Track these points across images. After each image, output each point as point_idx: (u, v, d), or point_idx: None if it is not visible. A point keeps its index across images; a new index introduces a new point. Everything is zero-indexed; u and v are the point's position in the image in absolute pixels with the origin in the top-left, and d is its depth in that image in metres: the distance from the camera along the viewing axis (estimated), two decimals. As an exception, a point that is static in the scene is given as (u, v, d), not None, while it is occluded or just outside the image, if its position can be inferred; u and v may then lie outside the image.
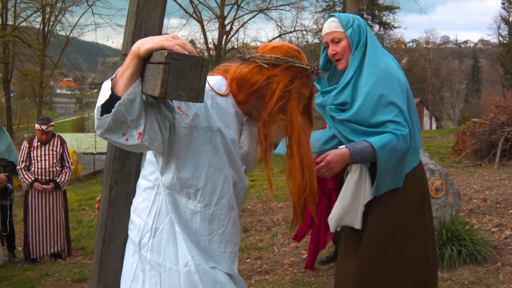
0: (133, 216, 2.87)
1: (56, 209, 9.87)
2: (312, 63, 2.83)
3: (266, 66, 2.73)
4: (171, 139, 2.57)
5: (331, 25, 4.36)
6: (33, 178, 9.70)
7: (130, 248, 2.88)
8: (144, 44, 2.32)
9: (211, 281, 2.74)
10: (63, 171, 9.99)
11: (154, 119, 2.44)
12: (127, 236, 2.91)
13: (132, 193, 2.97)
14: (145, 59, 2.35)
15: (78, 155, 35.92)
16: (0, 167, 9.69)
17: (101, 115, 2.34)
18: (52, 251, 9.90)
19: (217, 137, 2.67)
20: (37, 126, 9.89)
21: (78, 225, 12.89)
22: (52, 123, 10.07)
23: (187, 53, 2.28)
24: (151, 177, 2.80)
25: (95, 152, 46.50)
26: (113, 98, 2.33)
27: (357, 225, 4.29)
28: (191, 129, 2.58)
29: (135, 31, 3.09)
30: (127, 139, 2.41)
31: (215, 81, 2.78)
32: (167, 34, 2.44)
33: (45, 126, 9.86)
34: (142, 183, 2.88)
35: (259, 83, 2.73)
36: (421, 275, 4.20)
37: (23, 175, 9.72)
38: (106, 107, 2.34)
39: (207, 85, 2.59)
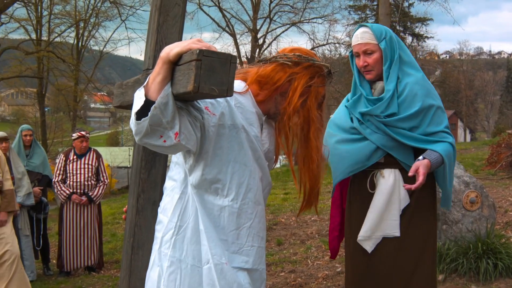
0: (160, 216, 2.98)
1: (90, 222, 9.91)
2: (327, 64, 3.03)
3: (289, 63, 2.94)
4: (201, 139, 2.68)
5: (364, 36, 4.40)
6: (70, 191, 9.74)
7: (153, 248, 2.98)
8: (173, 49, 2.47)
9: (227, 281, 2.81)
10: (98, 185, 10.02)
11: (187, 120, 2.56)
12: None
13: (158, 200, 3.09)
14: (174, 63, 2.48)
15: (112, 169, 36.09)
16: (35, 181, 9.77)
17: (138, 120, 2.46)
18: (85, 264, 9.93)
19: (242, 134, 2.81)
20: (75, 135, 9.97)
21: (112, 239, 12.93)
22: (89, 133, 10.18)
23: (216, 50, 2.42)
24: (177, 177, 2.91)
25: (129, 166, 46.64)
26: (147, 103, 2.45)
27: (397, 232, 4.38)
28: (218, 127, 2.71)
29: (157, 47, 3.23)
30: (164, 141, 2.51)
31: (236, 84, 2.83)
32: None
33: (85, 132, 10.00)
34: (168, 184, 2.99)
35: (283, 80, 2.93)
36: None
37: (60, 188, 9.77)
38: (141, 113, 2.45)
39: None
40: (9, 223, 7.47)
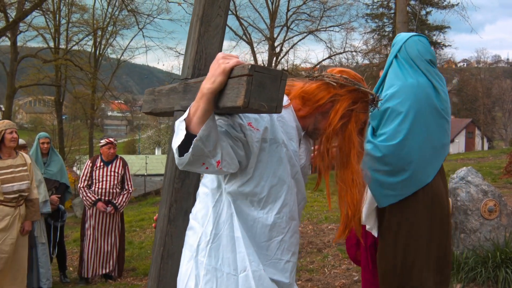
0: (192, 222, 3.00)
1: (112, 230, 9.95)
2: (373, 92, 3.01)
3: (334, 84, 2.91)
4: (246, 155, 2.71)
5: None
6: (96, 198, 9.78)
7: (185, 255, 2.98)
8: (214, 81, 2.48)
9: (265, 287, 2.82)
10: (122, 193, 10.05)
11: (228, 146, 2.59)
12: None
13: (190, 210, 3.09)
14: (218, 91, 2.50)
15: (129, 176, 36.22)
16: (52, 188, 9.79)
17: (181, 154, 2.51)
18: (103, 271, 9.95)
19: (282, 148, 2.81)
20: (103, 141, 10.07)
21: (129, 246, 12.93)
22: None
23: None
24: (212, 185, 2.92)
25: (145, 174, 46.89)
26: (188, 136, 2.49)
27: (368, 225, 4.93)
28: (261, 142, 2.71)
29: (197, 57, 3.22)
30: (207, 168, 2.57)
31: None
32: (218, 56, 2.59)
33: (113, 139, 10.09)
34: (202, 190, 3.00)
35: (325, 99, 2.91)
36: None
37: (86, 193, 9.81)
38: (183, 145, 2.50)
39: None
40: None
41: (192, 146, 2.44)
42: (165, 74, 51.88)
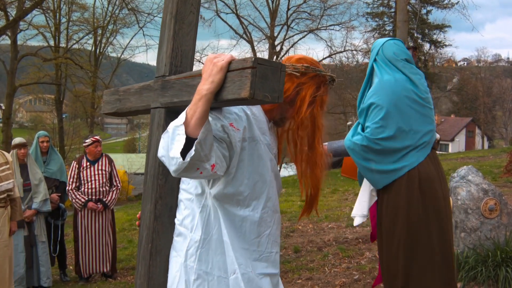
0: (179, 228, 3.02)
1: (104, 228, 9.91)
2: (330, 73, 3.09)
3: (297, 74, 2.95)
4: (230, 156, 2.73)
5: None
6: (86, 199, 9.73)
7: (174, 261, 3.02)
8: (213, 80, 2.52)
9: None
10: (111, 189, 10.02)
11: (217, 148, 2.61)
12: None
13: (174, 206, 3.15)
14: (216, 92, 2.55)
15: (129, 175, 36.24)
16: (52, 187, 9.78)
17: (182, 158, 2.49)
18: (101, 270, 9.93)
19: (260, 145, 2.86)
20: (88, 140, 9.96)
21: (129, 245, 12.92)
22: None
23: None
24: (196, 190, 2.94)
25: (145, 172, 46.82)
26: (187, 139, 2.48)
27: (366, 211, 5.29)
28: (242, 142, 2.75)
29: (173, 54, 3.23)
30: (201, 173, 2.56)
31: None
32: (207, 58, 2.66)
33: (98, 137, 10.04)
34: (185, 196, 3.02)
35: (291, 90, 2.98)
36: None
37: (75, 196, 9.75)
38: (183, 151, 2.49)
39: None
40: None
41: (193, 149, 2.44)
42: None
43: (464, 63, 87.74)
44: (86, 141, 10.03)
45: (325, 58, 40.78)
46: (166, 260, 3.10)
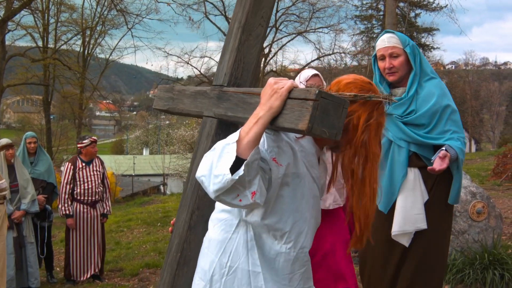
0: (208, 249, 2.93)
1: (96, 231, 9.89)
2: (385, 93, 2.94)
3: None
4: (267, 188, 2.62)
5: (391, 40, 4.79)
6: (71, 212, 9.70)
7: (198, 284, 2.93)
8: (271, 107, 2.49)
9: None
10: (105, 196, 10.07)
11: (261, 176, 2.52)
12: None
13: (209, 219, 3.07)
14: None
15: (117, 177, 36.12)
16: (39, 188, 9.72)
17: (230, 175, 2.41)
18: (91, 272, 9.88)
19: (304, 182, 2.75)
20: (87, 141, 9.90)
21: (116, 247, 12.89)
22: None
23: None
24: (229, 215, 2.86)
25: (133, 174, 46.84)
26: (236, 159, 2.42)
27: (424, 224, 4.69)
28: (283, 177, 2.65)
29: (235, 65, 3.18)
30: (240, 200, 2.48)
31: None
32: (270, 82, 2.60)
33: (95, 137, 10.02)
34: (217, 216, 2.94)
35: None
36: None
37: (67, 205, 9.70)
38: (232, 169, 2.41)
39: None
40: None
41: (242, 169, 2.38)
42: (153, 74, 51.95)
43: (452, 66, 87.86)
44: (84, 141, 9.94)
45: (314, 60, 40.94)
46: (193, 272, 3.04)
